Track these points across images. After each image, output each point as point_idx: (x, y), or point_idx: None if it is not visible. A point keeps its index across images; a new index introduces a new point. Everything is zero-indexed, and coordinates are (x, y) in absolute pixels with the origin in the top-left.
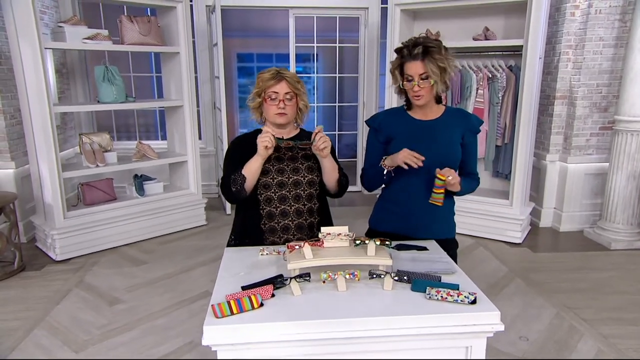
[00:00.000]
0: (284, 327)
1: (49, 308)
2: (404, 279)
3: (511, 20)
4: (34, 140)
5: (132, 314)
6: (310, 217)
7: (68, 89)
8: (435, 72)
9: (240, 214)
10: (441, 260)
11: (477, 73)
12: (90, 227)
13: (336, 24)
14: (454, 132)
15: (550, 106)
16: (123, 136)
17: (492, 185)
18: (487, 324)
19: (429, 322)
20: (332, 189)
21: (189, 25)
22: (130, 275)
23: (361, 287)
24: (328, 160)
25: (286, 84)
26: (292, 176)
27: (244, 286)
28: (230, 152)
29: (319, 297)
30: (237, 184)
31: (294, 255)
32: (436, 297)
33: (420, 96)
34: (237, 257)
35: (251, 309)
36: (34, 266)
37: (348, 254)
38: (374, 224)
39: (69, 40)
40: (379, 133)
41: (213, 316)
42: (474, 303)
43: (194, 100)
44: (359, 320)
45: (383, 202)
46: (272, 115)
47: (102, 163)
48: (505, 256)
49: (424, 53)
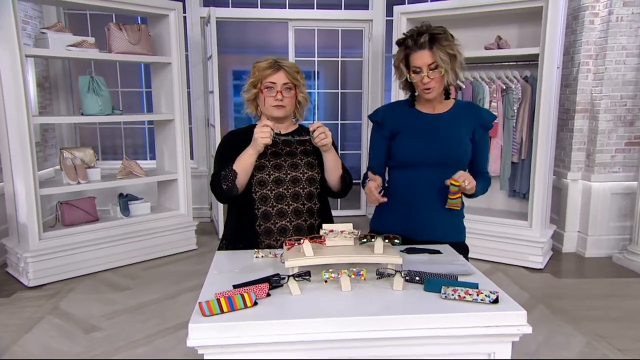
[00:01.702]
0: (280, 327)
1: (16, 337)
2: (415, 279)
3: (525, 28)
4: (9, 155)
5: (110, 342)
6: (310, 218)
7: (50, 104)
8: (445, 60)
9: (233, 214)
10: (457, 262)
11: (489, 85)
12: (68, 250)
13: (338, 37)
14: (463, 127)
15: (570, 120)
16: (109, 157)
17: (509, 206)
18: (512, 325)
19: (445, 322)
20: (335, 186)
21: (181, 35)
22: (110, 302)
23: (368, 287)
24: (330, 154)
25: (284, 74)
26: (290, 172)
27: (235, 285)
28: (222, 147)
29: (320, 296)
30: (228, 181)
31: (293, 253)
32: (453, 297)
33: (431, 88)
34: (230, 259)
35: (243, 308)
36: (3, 292)
37: (353, 252)
38: (374, 224)
39: (52, 47)
40: (383, 127)
41: (200, 315)
42: (496, 302)
43: (185, 114)
44: (365, 320)
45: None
46: (268, 108)
47: (84, 180)
48: (526, 282)
49: (431, 41)
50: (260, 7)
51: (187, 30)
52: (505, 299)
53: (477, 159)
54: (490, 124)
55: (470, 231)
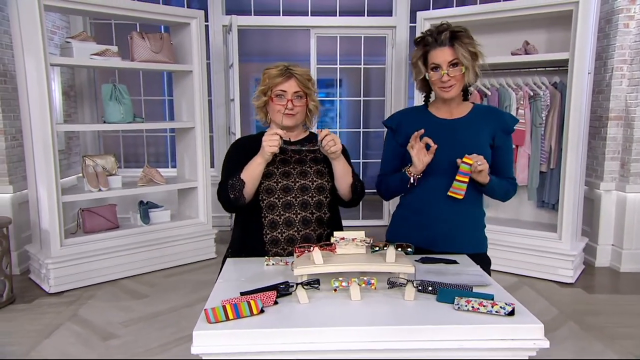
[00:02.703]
0: (286, 336)
1: (35, 343)
2: (428, 290)
3: (554, 33)
4: (33, 162)
5: (126, 350)
6: (319, 228)
7: (75, 112)
8: (467, 58)
9: (240, 223)
10: (473, 273)
11: (516, 91)
12: (89, 257)
13: (361, 44)
14: (482, 132)
15: (603, 128)
16: (132, 165)
17: (537, 217)
18: (528, 339)
19: (457, 334)
20: (346, 195)
21: (203, 43)
22: (128, 309)
23: (378, 296)
24: (339, 161)
25: (295, 82)
26: (298, 180)
27: (243, 292)
28: (230, 155)
29: (328, 305)
30: (235, 190)
31: (302, 260)
32: (466, 308)
33: (451, 86)
34: (239, 267)
35: (249, 315)
36: (25, 299)
37: (364, 261)
38: (391, 235)
39: (76, 56)
40: (397, 134)
41: (206, 322)
42: (512, 315)
43: (206, 122)
44: (373, 330)
45: (402, 211)
46: (278, 116)
47: (105, 187)
48: (555, 297)
49: (452, 38)
50: (283, 14)
51: (209, 39)
52: (521, 311)
53: (499, 165)
54: (511, 127)
55: (496, 243)
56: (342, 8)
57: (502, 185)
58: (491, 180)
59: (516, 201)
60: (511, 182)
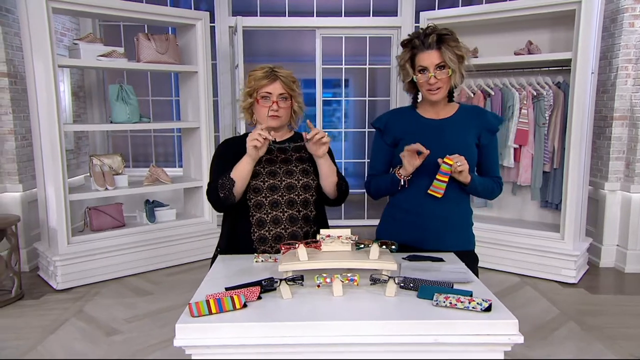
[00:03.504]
0: (267, 329)
1: (41, 338)
2: (410, 286)
3: (558, 33)
4: (42, 161)
5: (128, 346)
6: (305, 225)
7: (84, 112)
8: (453, 60)
9: (227, 222)
10: (457, 270)
11: (520, 91)
12: (95, 255)
13: (366, 44)
14: (468, 132)
15: (608, 128)
16: (141, 164)
17: (541, 217)
18: (503, 335)
19: (433, 329)
20: (331, 193)
21: (208, 44)
22: (132, 306)
23: (360, 292)
24: (326, 160)
25: (280, 84)
26: (285, 179)
27: (228, 287)
28: (218, 155)
29: (311, 301)
30: (225, 189)
31: (287, 257)
32: (444, 304)
33: (438, 89)
34: (228, 264)
35: (232, 310)
36: (33, 295)
37: (347, 258)
38: (381, 233)
39: (84, 57)
40: (385, 134)
41: (189, 315)
42: (489, 310)
43: (211, 122)
44: (350, 324)
45: (392, 210)
46: (263, 118)
47: (112, 186)
48: (557, 297)
49: (439, 41)
50: (288, 15)
51: (215, 40)
52: (498, 307)
53: (485, 164)
54: (496, 127)
55: (499, 243)
56: (347, 9)
57: (487, 184)
58: (473, 181)
59: (519, 201)
60: (496, 180)
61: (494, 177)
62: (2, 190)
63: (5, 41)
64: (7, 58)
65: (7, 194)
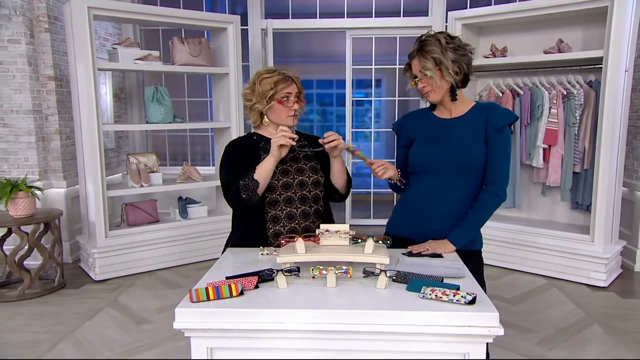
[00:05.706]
0: (260, 315)
1: (78, 324)
2: (400, 279)
3: (591, 30)
4: (83, 159)
5: (156, 334)
6: (317, 219)
7: (125, 113)
8: (427, 66)
9: (242, 220)
10: (452, 266)
11: (549, 90)
12: (131, 248)
13: (396, 45)
14: (475, 130)
15: None
16: (178, 163)
17: (571, 219)
18: (484, 327)
19: (417, 319)
20: (342, 189)
21: (239, 47)
22: (162, 298)
23: (353, 284)
24: (340, 160)
25: (295, 85)
26: (297, 177)
27: (228, 276)
28: (227, 157)
29: (305, 291)
30: (249, 190)
31: (286, 249)
32: (430, 296)
33: (427, 92)
34: (235, 256)
35: (229, 297)
36: (74, 284)
37: (343, 251)
38: (390, 228)
39: (121, 60)
40: (401, 136)
41: (189, 301)
42: (473, 303)
43: (241, 122)
44: (340, 312)
45: (401, 206)
46: (284, 118)
47: (147, 183)
48: (584, 300)
49: (419, 49)
50: (319, 17)
51: (248, 42)
52: (483, 300)
53: (487, 165)
54: (500, 124)
55: (528, 244)
56: (378, 9)
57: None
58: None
59: (549, 202)
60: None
61: (493, 184)
62: (48, 186)
63: (53, 47)
64: (54, 63)
65: (52, 189)
